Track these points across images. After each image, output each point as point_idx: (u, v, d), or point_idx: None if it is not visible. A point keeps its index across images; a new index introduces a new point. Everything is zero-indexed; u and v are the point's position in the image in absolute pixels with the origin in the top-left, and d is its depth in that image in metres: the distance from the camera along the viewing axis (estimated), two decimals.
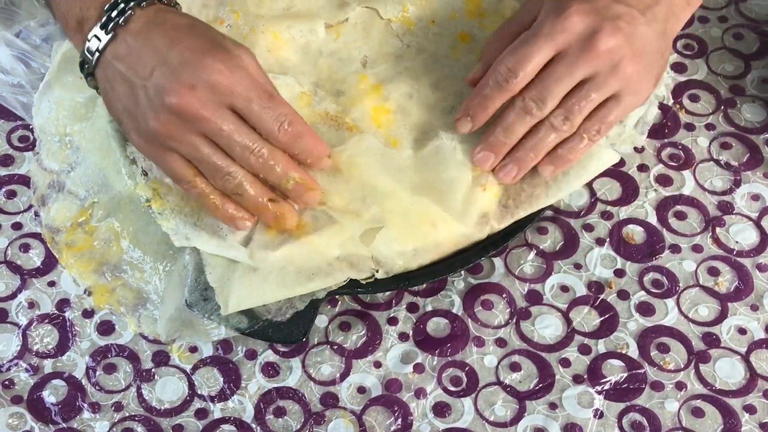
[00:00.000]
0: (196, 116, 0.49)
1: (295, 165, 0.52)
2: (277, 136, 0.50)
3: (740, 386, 0.54)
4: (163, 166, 0.52)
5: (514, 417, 0.53)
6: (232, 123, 0.49)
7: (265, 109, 0.50)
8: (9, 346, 0.56)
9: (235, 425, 0.53)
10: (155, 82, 0.49)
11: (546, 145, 0.53)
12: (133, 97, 0.50)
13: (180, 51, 0.49)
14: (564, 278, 0.58)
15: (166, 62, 0.49)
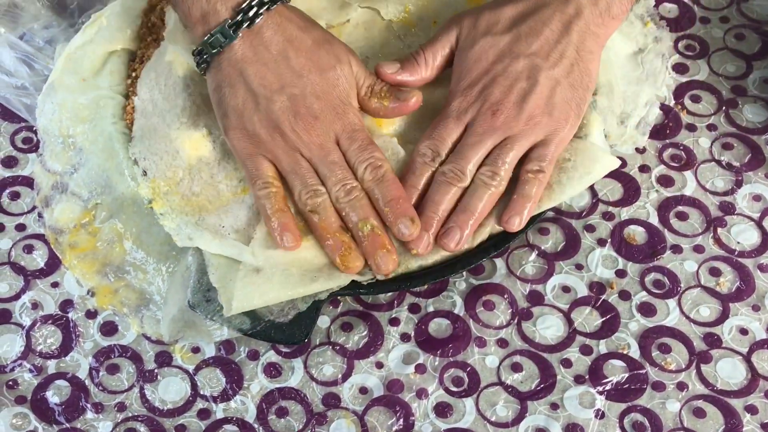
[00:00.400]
0: (311, 144, 0.53)
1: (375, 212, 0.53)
2: (366, 176, 0.53)
3: (742, 386, 0.54)
4: (250, 165, 0.54)
5: (515, 417, 0.53)
6: (337, 156, 0.53)
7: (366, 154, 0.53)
8: (13, 347, 0.56)
9: (238, 425, 0.53)
10: (284, 102, 0.53)
11: (483, 203, 0.53)
12: (254, 102, 0.53)
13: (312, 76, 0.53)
14: (565, 279, 0.58)
15: (298, 85, 0.53)
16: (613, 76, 0.62)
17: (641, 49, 0.65)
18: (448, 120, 0.55)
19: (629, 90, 0.63)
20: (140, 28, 0.63)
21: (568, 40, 0.54)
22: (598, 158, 0.56)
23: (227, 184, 0.57)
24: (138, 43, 0.63)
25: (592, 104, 0.60)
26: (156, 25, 0.63)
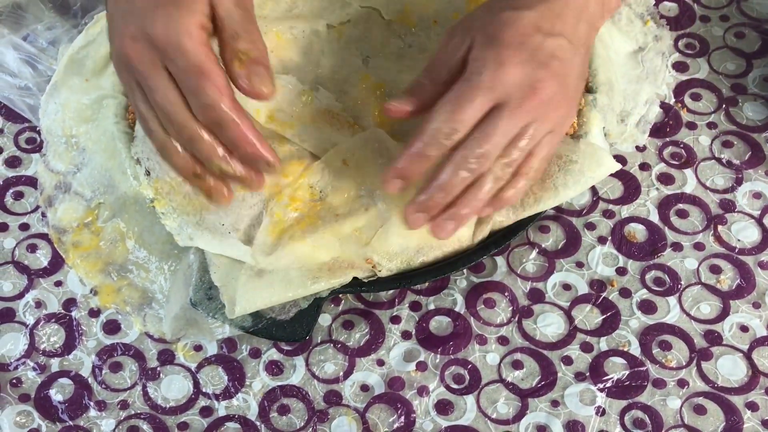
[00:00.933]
0: (131, 66, 0.47)
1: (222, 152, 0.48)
2: (199, 117, 0.47)
3: (742, 383, 0.54)
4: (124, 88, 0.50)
5: (516, 414, 0.54)
6: (161, 85, 0.46)
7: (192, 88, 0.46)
8: (17, 345, 0.56)
9: (240, 423, 0.54)
10: (114, 18, 0.48)
11: (486, 196, 0.50)
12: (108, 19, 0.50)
13: None
14: (566, 276, 0.58)
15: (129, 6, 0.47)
16: (613, 75, 0.62)
17: (641, 48, 0.65)
18: (477, 90, 0.48)
19: (629, 88, 0.63)
20: None
21: (581, 28, 0.52)
22: (603, 161, 0.55)
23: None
24: None
25: (592, 102, 0.60)
26: None
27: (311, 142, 0.58)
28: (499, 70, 0.48)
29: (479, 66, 0.48)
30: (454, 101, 0.48)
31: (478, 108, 0.48)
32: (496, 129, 0.48)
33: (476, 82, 0.48)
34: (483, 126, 0.48)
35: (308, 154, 0.58)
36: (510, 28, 0.49)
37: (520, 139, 0.49)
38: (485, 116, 0.48)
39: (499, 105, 0.48)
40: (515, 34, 0.49)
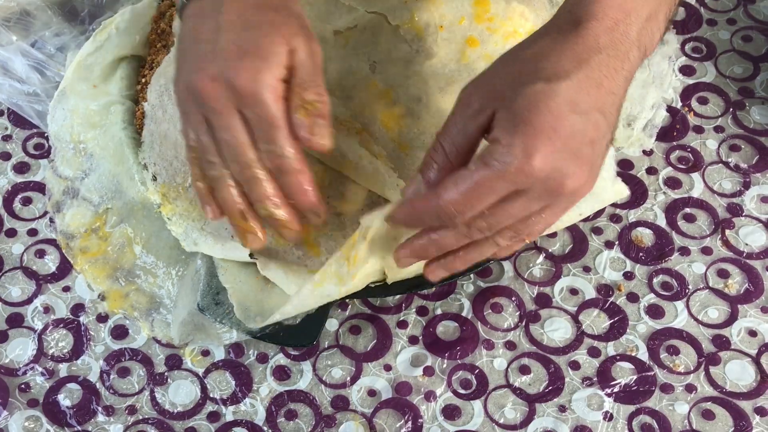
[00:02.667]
0: (204, 103, 0.48)
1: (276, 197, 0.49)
2: (266, 161, 0.48)
3: (751, 388, 0.54)
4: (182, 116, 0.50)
5: (523, 419, 0.54)
6: (233, 126, 0.48)
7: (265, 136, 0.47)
8: (25, 351, 0.57)
9: (247, 428, 0.54)
10: (191, 54, 0.49)
11: (483, 257, 0.49)
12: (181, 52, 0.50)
13: (228, 39, 0.47)
14: (573, 281, 0.58)
15: (212, 41, 0.48)
16: None
17: None
18: (498, 182, 0.44)
19: (636, 93, 0.63)
20: (150, 35, 0.64)
21: (620, 90, 0.46)
22: (611, 186, 0.55)
23: None
24: (148, 49, 0.64)
25: None
26: (165, 32, 0.63)
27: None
28: (528, 162, 0.43)
29: (504, 153, 0.44)
30: (473, 185, 0.44)
31: (497, 195, 0.45)
32: (509, 212, 0.45)
33: (500, 171, 0.44)
34: (496, 207, 0.45)
35: (316, 161, 0.58)
36: (542, 109, 0.43)
37: (534, 217, 0.47)
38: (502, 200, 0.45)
39: (519, 191, 0.45)
40: (548, 118, 0.43)
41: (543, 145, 0.43)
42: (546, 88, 0.44)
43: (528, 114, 0.44)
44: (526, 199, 0.45)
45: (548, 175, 0.44)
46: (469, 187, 0.44)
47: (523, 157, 0.43)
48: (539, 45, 0.47)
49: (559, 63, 0.45)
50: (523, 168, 0.43)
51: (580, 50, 0.46)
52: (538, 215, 0.47)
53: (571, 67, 0.45)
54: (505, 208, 0.45)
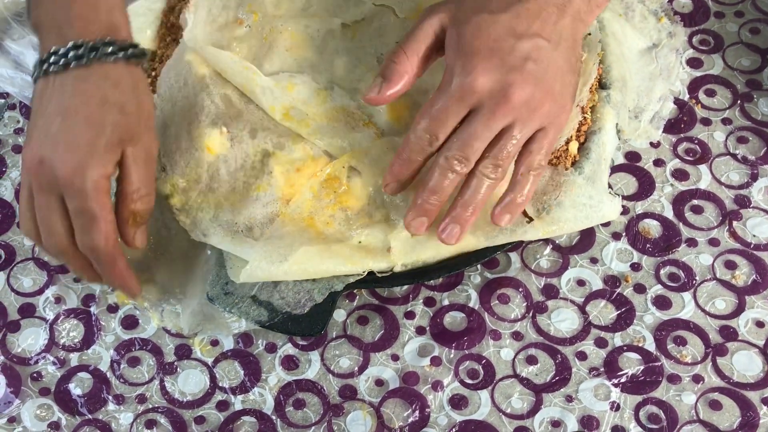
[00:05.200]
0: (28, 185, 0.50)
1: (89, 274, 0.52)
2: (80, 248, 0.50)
3: (758, 379, 0.54)
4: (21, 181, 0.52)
5: (530, 409, 0.54)
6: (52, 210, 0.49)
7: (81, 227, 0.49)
8: (37, 340, 0.57)
9: (256, 417, 0.54)
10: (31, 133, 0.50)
11: (482, 196, 0.52)
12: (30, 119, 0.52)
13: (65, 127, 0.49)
14: (580, 272, 0.58)
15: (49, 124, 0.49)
16: (627, 71, 0.62)
17: (655, 44, 0.65)
18: (450, 100, 0.50)
19: (643, 85, 0.63)
20: (160, 29, 0.65)
21: (563, 23, 0.52)
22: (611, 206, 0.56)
23: (243, 181, 0.57)
24: (158, 43, 0.64)
25: (606, 98, 0.61)
26: (175, 26, 0.64)
27: (326, 141, 0.58)
28: (469, 78, 0.50)
29: (450, 74, 0.51)
30: (431, 111, 0.51)
31: (453, 115, 0.51)
32: (471, 133, 0.51)
33: (448, 92, 0.51)
34: (460, 131, 0.51)
35: (323, 153, 0.58)
36: (482, 34, 0.51)
37: (504, 140, 0.51)
38: (463, 120, 0.51)
39: (474, 110, 0.51)
40: (487, 41, 0.50)
41: (480, 62, 0.50)
42: (488, 17, 0.51)
43: (470, 38, 0.51)
44: (482, 118, 0.50)
45: (491, 88, 0.50)
46: (430, 111, 0.51)
47: (464, 74, 0.50)
48: None
49: None
50: (465, 83, 0.50)
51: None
52: (509, 137, 0.51)
53: (514, 2, 0.51)
54: (466, 128, 0.51)
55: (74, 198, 0.49)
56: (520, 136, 0.51)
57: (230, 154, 0.58)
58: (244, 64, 0.60)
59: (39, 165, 0.49)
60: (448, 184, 0.52)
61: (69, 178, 0.48)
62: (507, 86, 0.50)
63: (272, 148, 0.58)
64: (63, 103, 0.50)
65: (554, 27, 0.52)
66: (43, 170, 0.49)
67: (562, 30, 0.52)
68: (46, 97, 0.51)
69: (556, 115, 0.52)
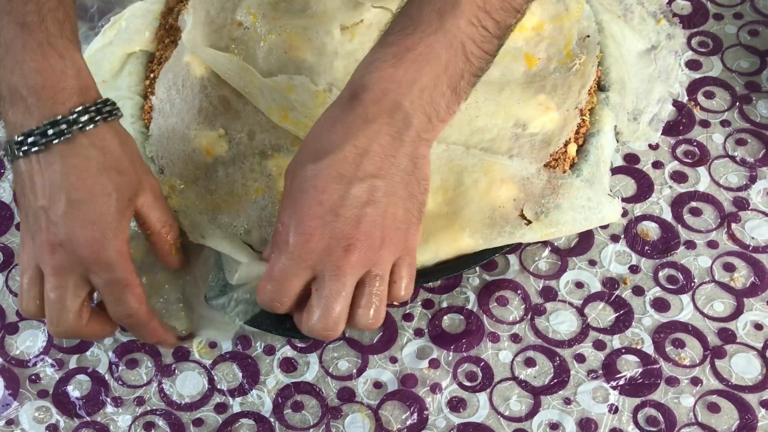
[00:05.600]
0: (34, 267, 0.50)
1: None
2: (115, 319, 0.52)
3: (756, 381, 0.54)
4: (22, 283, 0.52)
5: (529, 412, 0.54)
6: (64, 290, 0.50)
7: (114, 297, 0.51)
8: (35, 342, 0.57)
9: (254, 419, 0.54)
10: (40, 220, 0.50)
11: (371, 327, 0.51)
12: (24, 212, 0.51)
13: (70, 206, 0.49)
14: (578, 275, 0.58)
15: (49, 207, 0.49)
16: (626, 73, 0.62)
17: (654, 46, 0.65)
18: (289, 262, 0.48)
19: (641, 87, 0.63)
20: (158, 30, 0.65)
21: (402, 153, 0.48)
22: (611, 208, 0.56)
23: (242, 183, 0.58)
24: (156, 44, 0.64)
25: (605, 101, 0.61)
26: (174, 27, 0.64)
27: None
28: (302, 239, 0.47)
29: (286, 233, 0.48)
30: (273, 273, 0.49)
31: (296, 279, 0.48)
32: (327, 299, 0.48)
33: (286, 252, 0.48)
34: (315, 300, 0.48)
35: None
36: (308, 189, 0.47)
37: (366, 287, 0.49)
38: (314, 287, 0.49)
39: (318, 275, 0.48)
40: (313, 195, 0.47)
41: (311, 220, 0.47)
42: (313, 169, 0.48)
43: (298, 195, 0.48)
44: (330, 281, 0.48)
45: (328, 246, 0.47)
46: (272, 273, 0.49)
47: (297, 234, 0.47)
48: (323, 119, 0.50)
49: (330, 138, 0.48)
50: (299, 245, 0.47)
51: (349, 122, 0.48)
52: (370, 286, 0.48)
53: (339, 141, 0.48)
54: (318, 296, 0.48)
55: (103, 272, 0.50)
56: (382, 277, 0.49)
57: (228, 156, 0.58)
58: (243, 65, 0.60)
59: (59, 249, 0.49)
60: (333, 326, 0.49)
61: (94, 256, 0.49)
62: (346, 245, 0.47)
63: (270, 150, 0.58)
64: (56, 182, 0.49)
65: (388, 160, 0.48)
66: (64, 254, 0.49)
67: (399, 161, 0.48)
68: (33, 179, 0.50)
69: (404, 242, 0.49)
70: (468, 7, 0.49)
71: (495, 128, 0.59)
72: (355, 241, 0.47)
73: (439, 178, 0.57)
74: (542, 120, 0.59)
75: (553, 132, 0.59)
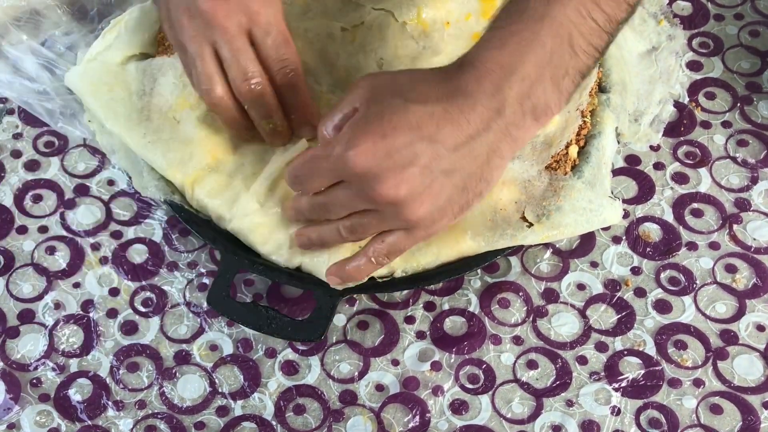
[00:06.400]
0: (215, 23, 0.52)
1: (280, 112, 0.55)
2: (276, 77, 0.53)
3: (759, 383, 0.54)
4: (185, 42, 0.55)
5: (531, 414, 0.54)
6: (242, 44, 0.52)
7: (278, 48, 0.53)
8: (36, 346, 0.57)
9: (256, 423, 0.54)
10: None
11: (332, 242, 0.53)
12: None
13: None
14: (580, 276, 0.58)
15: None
16: (627, 75, 0.62)
17: (655, 48, 0.65)
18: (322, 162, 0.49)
19: (643, 88, 0.63)
20: (158, 33, 0.64)
21: (483, 140, 0.47)
22: (612, 210, 0.56)
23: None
24: (156, 47, 0.64)
25: (606, 102, 0.61)
26: None
27: None
28: (347, 151, 0.46)
29: (335, 140, 0.48)
30: (305, 158, 0.50)
31: (322, 177, 0.50)
32: (334, 199, 0.50)
33: (325, 152, 0.48)
34: (329, 190, 0.50)
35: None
36: (385, 117, 0.46)
37: (361, 216, 0.50)
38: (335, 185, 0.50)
39: (343, 183, 0.49)
40: (385, 126, 0.46)
41: (365, 143, 0.46)
42: (400, 104, 0.47)
43: (372, 116, 0.47)
44: (349, 192, 0.49)
45: (363, 173, 0.47)
46: (303, 159, 0.50)
47: (345, 145, 0.47)
48: (428, 72, 0.49)
49: (427, 90, 0.47)
50: (341, 155, 0.47)
51: (449, 88, 0.47)
52: (369, 219, 0.50)
53: (433, 98, 0.47)
54: (332, 191, 0.50)
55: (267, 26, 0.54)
56: (378, 226, 0.50)
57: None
58: None
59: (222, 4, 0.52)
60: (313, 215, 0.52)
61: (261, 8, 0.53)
62: (378, 181, 0.46)
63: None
64: None
65: (467, 142, 0.47)
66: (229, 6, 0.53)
67: (477, 147, 0.47)
68: None
69: (428, 225, 0.49)
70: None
71: None
72: (386, 188, 0.46)
73: None
74: None
75: (555, 134, 0.58)
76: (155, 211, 0.62)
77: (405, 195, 0.47)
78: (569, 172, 0.58)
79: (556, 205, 0.55)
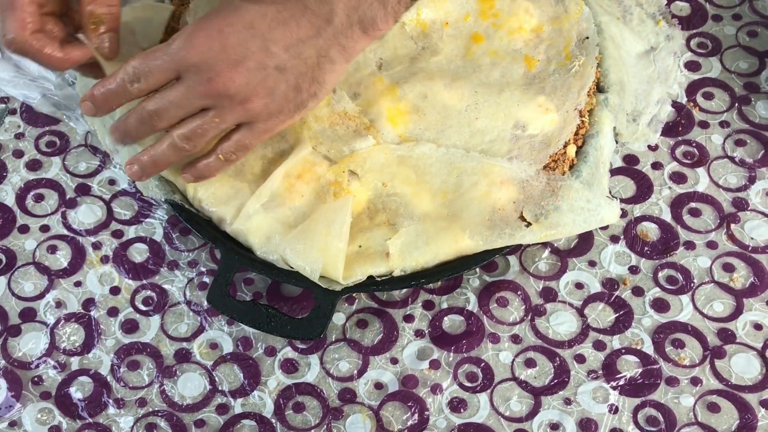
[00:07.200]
0: None
1: None
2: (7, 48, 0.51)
3: (756, 381, 0.54)
4: None
5: (529, 412, 0.54)
6: None
7: None
8: (38, 344, 0.57)
9: (256, 420, 0.54)
10: None
11: (168, 159, 0.53)
12: None
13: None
14: (578, 275, 0.59)
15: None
16: (625, 75, 0.62)
17: (653, 48, 0.65)
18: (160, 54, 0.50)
19: (641, 88, 0.63)
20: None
21: (312, 43, 0.51)
22: (610, 210, 0.56)
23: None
24: None
25: (604, 102, 0.61)
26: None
27: (327, 146, 0.59)
28: (185, 46, 0.49)
29: (178, 33, 0.51)
30: (148, 56, 0.50)
31: (160, 70, 0.50)
32: (168, 95, 0.51)
33: (164, 48, 0.50)
34: (162, 89, 0.51)
35: (323, 158, 0.58)
36: (223, 15, 0.50)
37: (200, 119, 0.51)
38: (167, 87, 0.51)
39: (180, 78, 0.50)
40: (220, 23, 0.50)
41: (201, 38, 0.49)
42: (238, 4, 0.50)
43: (212, 14, 0.50)
44: (182, 88, 0.50)
45: (199, 65, 0.49)
46: (144, 55, 0.50)
47: (182, 42, 0.50)
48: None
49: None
50: (178, 49, 0.49)
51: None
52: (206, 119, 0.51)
53: (269, 1, 0.51)
54: (166, 91, 0.51)
55: None
56: (218, 122, 0.51)
57: None
58: None
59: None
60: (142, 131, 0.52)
61: None
62: (215, 73, 0.49)
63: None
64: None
65: (297, 44, 0.51)
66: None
67: (306, 50, 0.51)
68: None
69: (266, 117, 0.52)
70: None
71: (495, 130, 0.59)
72: (221, 78, 0.49)
73: (439, 181, 0.57)
74: (542, 121, 0.59)
75: (553, 133, 0.59)
76: (156, 210, 0.62)
77: (239, 86, 0.50)
78: (567, 171, 0.58)
79: (554, 205, 0.56)
